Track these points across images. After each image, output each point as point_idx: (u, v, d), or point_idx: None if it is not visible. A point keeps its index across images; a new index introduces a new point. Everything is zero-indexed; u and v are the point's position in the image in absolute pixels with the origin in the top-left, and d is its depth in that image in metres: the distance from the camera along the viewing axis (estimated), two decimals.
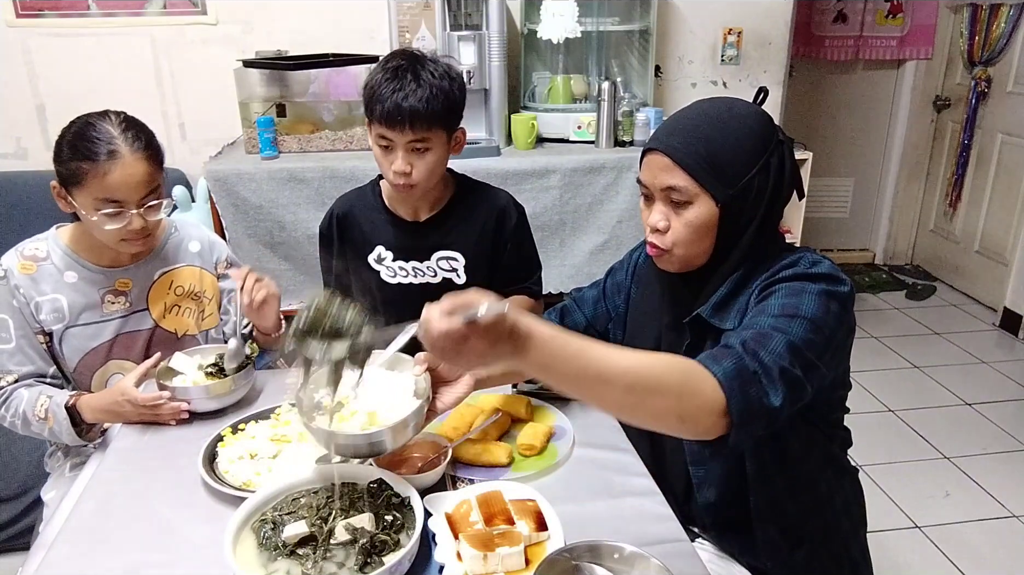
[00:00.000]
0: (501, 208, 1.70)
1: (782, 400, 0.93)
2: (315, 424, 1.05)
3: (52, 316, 1.47)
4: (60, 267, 1.48)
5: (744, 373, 0.92)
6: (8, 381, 1.45)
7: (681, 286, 1.18)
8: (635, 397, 0.87)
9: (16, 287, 1.45)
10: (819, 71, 4.15)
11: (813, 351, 0.99)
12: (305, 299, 1.00)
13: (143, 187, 1.38)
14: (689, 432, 0.92)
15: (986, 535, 2.26)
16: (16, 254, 1.48)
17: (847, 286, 1.06)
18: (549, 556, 0.93)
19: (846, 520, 1.24)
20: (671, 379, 0.89)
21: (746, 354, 0.94)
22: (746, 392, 0.91)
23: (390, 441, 1.04)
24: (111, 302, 1.52)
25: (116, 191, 1.36)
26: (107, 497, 1.16)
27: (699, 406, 0.89)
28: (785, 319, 0.99)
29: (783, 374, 0.94)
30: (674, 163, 1.07)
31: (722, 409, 0.90)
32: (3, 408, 1.46)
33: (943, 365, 3.28)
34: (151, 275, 1.56)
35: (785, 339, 0.97)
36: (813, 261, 1.08)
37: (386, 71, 1.47)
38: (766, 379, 0.93)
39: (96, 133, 1.36)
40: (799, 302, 1.01)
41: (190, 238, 1.63)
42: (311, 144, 2.60)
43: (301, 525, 0.98)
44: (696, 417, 0.89)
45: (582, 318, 1.41)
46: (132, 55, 2.80)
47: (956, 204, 4.03)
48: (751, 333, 0.98)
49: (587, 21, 2.69)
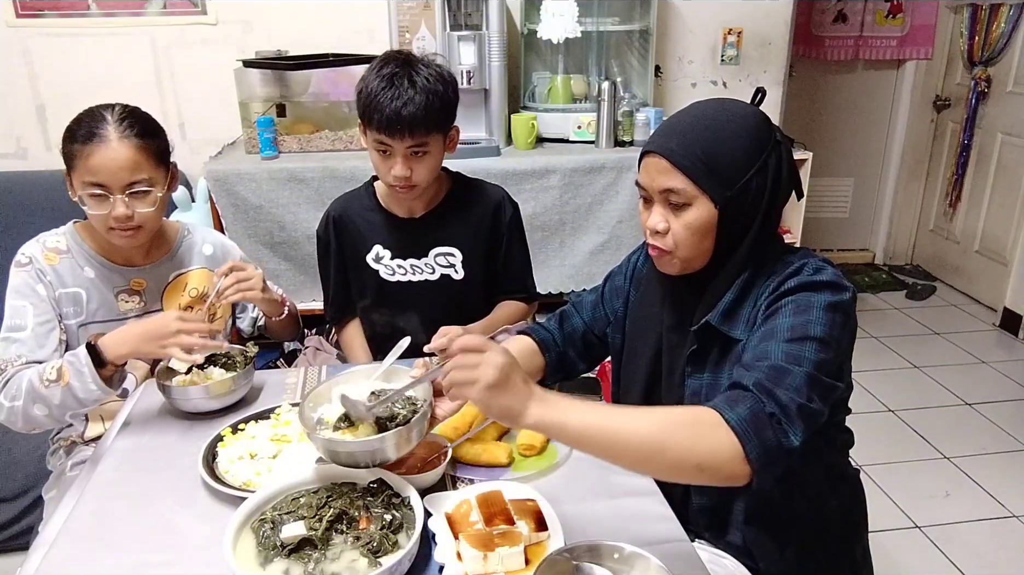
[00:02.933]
0: (496, 202, 1.71)
1: (801, 438, 0.94)
2: (318, 435, 1.05)
3: (73, 310, 1.47)
4: (80, 261, 1.49)
5: (759, 417, 0.93)
6: (15, 366, 1.39)
7: (682, 289, 1.18)
8: (650, 449, 0.90)
9: (41, 271, 1.45)
10: (819, 71, 4.15)
11: (829, 372, 1.00)
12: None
13: (126, 172, 1.37)
14: (712, 480, 0.93)
15: (986, 535, 2.26)
16: (39, 245, 1.48)
17: (849, 292, 1.06)
18: (549, 556, 0.93)
19: (845, 524, 1.24)
20: (685, 430, 0.92)
21: (762, 395, 0.95)
22: (762, 436, 0.92)
23: (393, 450, 1.04)
24: (125, 301, 1.52)
25: (98, 173, 1.36)
26: (107, 497, 1.16)
27: (715, 453, 0.91)
28: (796, 344, 1.00)
29: (801, 411, 0.95)
30: (672, 165, 1.07)
31: (741, 456, 0.91)
32: (2, 394, 1.36)
33: (943, 365, 3.28)
34: (166, 276, 1.57)
35: (803, 372, 0.97)
36: (816, 268, 1.08)
37: (381, 78, 1.46)
38: (784, 419, 0.94)
39: (90, 118, 1.39)
40: (807, 320, 1.02)
41: (204, 241, 1.64)
42: (311, 144, 2.60)
43: (299, 526, 0.98)
44: (715, 465, 0.91)
45: (580, 322, 1.41)
46: (132, 55, 2.80)
47: (956, 204, 4.03)
48: (766, 369, 0.98)
49: (587, 21, 2.69)
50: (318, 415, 1.13)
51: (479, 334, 0.97)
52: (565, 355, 1.40)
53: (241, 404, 1.41)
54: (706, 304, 1.13)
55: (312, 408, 1.13)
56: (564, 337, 1.41)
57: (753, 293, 1.11)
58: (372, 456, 1.04)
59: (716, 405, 0.95)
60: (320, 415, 1.13)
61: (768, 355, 1.00)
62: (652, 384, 1.26)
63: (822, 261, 1.10)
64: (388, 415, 1.07)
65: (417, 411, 1.07)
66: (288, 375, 1.58)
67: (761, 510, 1.16)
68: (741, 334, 1.10)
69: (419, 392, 1.11)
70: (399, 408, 1.09)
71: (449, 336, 1.38)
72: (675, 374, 1.20)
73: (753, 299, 1.10)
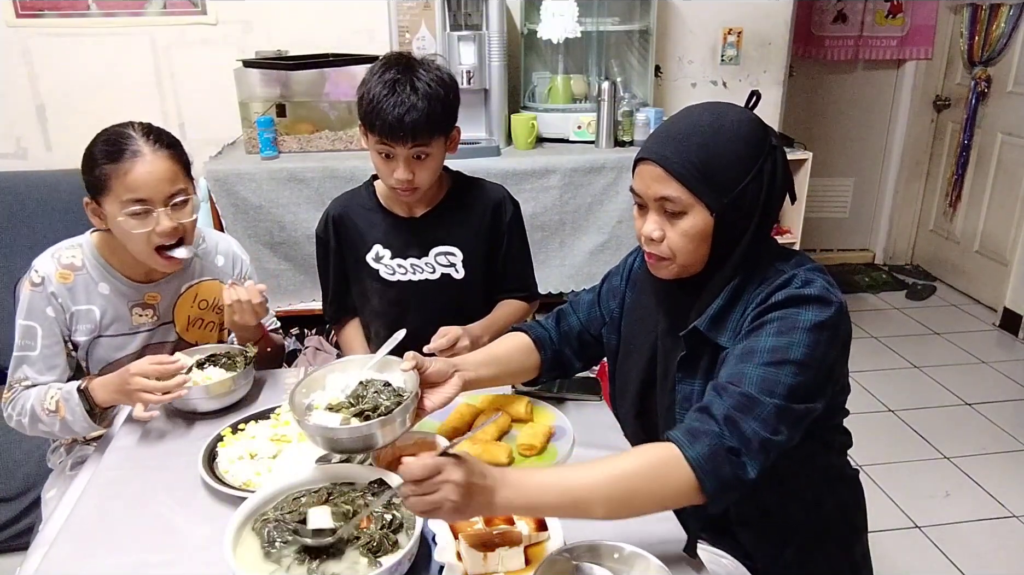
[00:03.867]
0: (497, 201, 1.71)
1: (759, 470, 0.97)
2: (307, 420, 1.07)
3: (85, 327, 1.47)
4: (95, 277, 1.48)
5: (718, 454, 0.96)
6: (24, 386, 1.45)
7: (677, 293, 1.18)
8: (617, 504, 0.95)
9: (53, 295, 1.44)
10: (819, 71, 4.15)
11: (804, 397, 1.01)
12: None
13: (167, 184, 1.37)
14: (671, 508, 1.05)
15: (986, 535, 2.26)
16: (54, 261, 1.46)
17: (835, 306, 1.05)
18: (549, 556, 0.93)
19: (844, 524, 1.24)
20: (646, 481, 0.96)
21: (726, 429, 0.98)
22: (719, 472, 0.96)
23: (380, 435, 1.05)
24: (139, 315, 1.52)
25: (140, 188, 1.35)
26: (107, 497, 1.17)
27: (676, 492, 0.97)
28: (774, 368, 1.01)
29: (764, 445, 0.98)
30: (667, 173, 1.05)
31: (696, 489, 0.96)
32: (10, 407, 1.46)
33: (943, 365, 3.28)
34: (179, 288, 1.56)
35: (772, 404, 0.99)
36: (805, 280, 1.06)
37: (383, 84, 1.46)
38: (745, 453, 0.97)
39: (118, 138, 1.37)
40: (789, 343, 1.02)
41: (216, 252, 1.63)
42: (311, 144, 2.60)
43: (325, 515, 0.99)
44: (676, 500, 0.99)
45: (576, 322, 1.41)
46: (132, 55, 2.80)
47: (956, 204, 4.03)
48: (737, 396, 1.00)
49: (587, 21, 2.69)
50: (309, 401, 1.15)
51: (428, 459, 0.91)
52: (561, 353, 1.39)
53: (241, 404, 1.42)
54: (698, 309, 1.13)
55: (304, 394, 1.15)
56: (560, 335, 1.40)
57: (743, 300, 1.10)
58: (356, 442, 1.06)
59: (678, 440, 0.98)
60: (311, 401, 1.15)
61: (743, 379, 1.01)
62: (646, 388, 1.26)
63: (813, 271, 1.09)
64: (372, 405, 1.10)
65: (402, 402, 1.09)
66: (288, 375, 1.58)
67: (760, 511, 1.16)
68: (727, 342, 1.09)
69: (407, 383, 1.13)
70: (384, 399, 1.11)
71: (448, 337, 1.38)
72: (668, 378, 1.19)
73: (742, 306, 1.09)
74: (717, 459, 0.96)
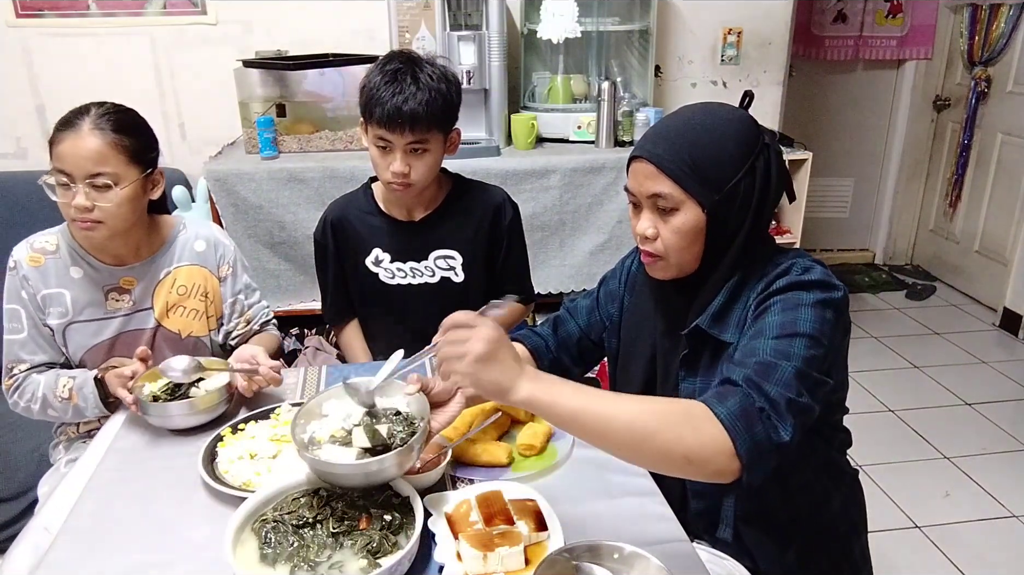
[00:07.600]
0: (497, 204, 1.71)
1: (792, 433, 0.93)
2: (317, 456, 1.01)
3: (57, 310, 1.48)
4: (67, 262, 1.49)
5: (749, 412, 0.92)
6: (21, 370, 1.48)
7: (674, 294, 1.18)
8: (639, 435, 0.90)
9: (24, 278, 1.46)
10: (819, 71, 4.15)
11: (818, 368, 1.00)
12: None
13: (89, 163, 1.36)
14: (700, 474, 0.92)
15: (986, 535, 2.26)
16: (27, 246, 1.49)
17: (840, 291, 1.06)
18: (549, 556, 0.93)
19: (844, 523, 1.24)
20: (675, 420, 0.91)
21: (751, 390, 0.95)
22: (752, 431, 0.91)
23: (395, 467, 1.00)
24: (115, 299, 1.52)
25: (63, 160, 1.36)
26: (107, 497, 1.16)
27: (704, 446, 0.90)
28: (785, 340, 1.00)
29: (790, 405, 0.95)
30: (659, 170, 1.07)
31: (730, 451, 0.90)
32: (16, 394, 1.48)
33: (943, 365, 3.28)
34: (157, 274, 1.55)
35: (791, 367, 0.97)
36: (805, 267, 1.08)
37: (384, 74, 1.47)
38: (774, 414, 0.93)
39: (76, 111, 1.39)
40: (796, 317, 1.02)
41: (197, 237, 1.61)
42: (311, 144, 2.60)
43: (361, 437, 1.02)
44: (703, 458, 0.90)
45: (576, 328, 1.41)
46: (132, 55, 2.80)
47: (956, 204, 4.03)
48: (754, 365, 0.98)
49: (587, 21, 2.69)
50: (310, 434, 1.07)
51: (472, 312, 0.97)
52: (559, 361, 1.39)
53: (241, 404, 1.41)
54: (697, 308, 1.14)
55: (303, 428, 1.07)
56: (558, 343, 1.40)
57: (743, 296, 1.11)
58: (367, 478, 1.00)
59: (706, 400, 0.95)
60: (312, 434, 1.07)
61: (756, 352, 1.00)
62: (648, 389, 1.26)
63: (812, 261, 1.10)
64: (386, 436, 1.04)
65: (416, 431, 1.03)
66: (288, 375, 1.58)
67: (759, 511, 1.16)
68: (731, 337, 1.09)
69: (414, 409, 1.09)
70: (397, 429, 1.05)
71: None
72: (670, 378, 1.20)
73: (743, 302, 1.10)
74: (749, 417, 0.92)
